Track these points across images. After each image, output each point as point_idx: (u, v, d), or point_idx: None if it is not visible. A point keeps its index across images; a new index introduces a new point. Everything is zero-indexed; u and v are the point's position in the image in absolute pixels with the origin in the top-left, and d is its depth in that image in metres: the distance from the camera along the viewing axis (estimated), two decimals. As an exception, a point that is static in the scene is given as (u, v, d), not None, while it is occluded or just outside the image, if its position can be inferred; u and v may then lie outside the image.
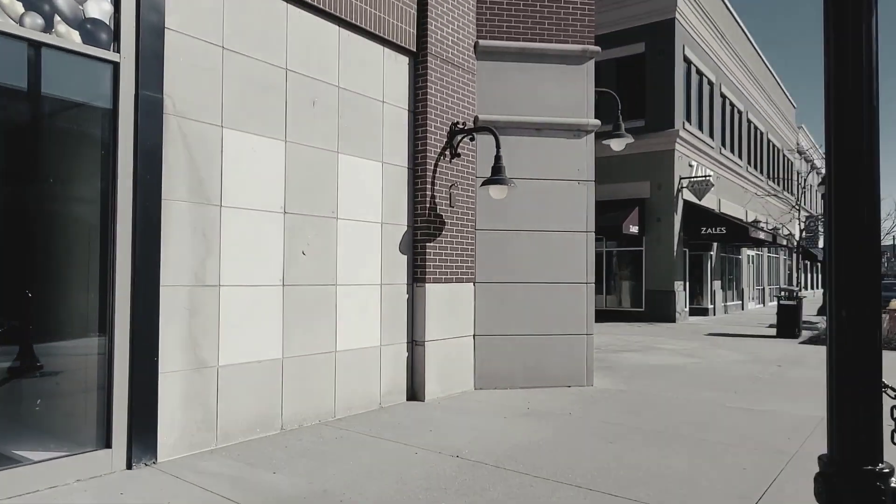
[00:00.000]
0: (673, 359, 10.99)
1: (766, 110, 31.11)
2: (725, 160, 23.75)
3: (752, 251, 28.73)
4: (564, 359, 8.06)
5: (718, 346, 13.07)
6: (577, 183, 8.11)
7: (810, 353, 12.17)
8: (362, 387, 6.65)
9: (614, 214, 19.10)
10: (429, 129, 7.25)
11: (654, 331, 16.16)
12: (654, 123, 19.55)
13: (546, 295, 8.00)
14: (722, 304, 23.52)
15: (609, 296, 20.72)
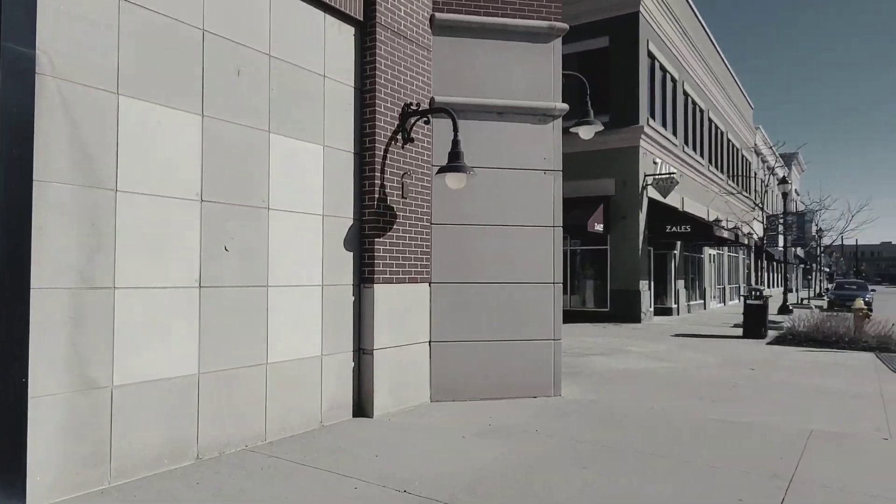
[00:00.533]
0: (643, 363, 10.39)
1: (725, 110, 31.19)
2: (688, 158, 23.54)
3: (714, 250, 28.69)
4: (530, 366, 7.32)
5: (687, 347, 12.57)
6: (543, 173, 7.38)
7: (780, 354, 11.76)
8: (300, 403, 5.77)
9: (579, 212, 18.56)
10: (378, 109, 6.41)
11: (621, 332, 15.64)
12: (619, 119, 19.09)
13: (509, 296, 7.25)
14: (685, 303, 23.28)
15: (574, 296, 20.19)
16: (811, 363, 10.57)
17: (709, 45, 26.97)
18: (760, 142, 40.03)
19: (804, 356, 11.49)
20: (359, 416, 6.38)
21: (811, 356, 11.53)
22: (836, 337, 13.32)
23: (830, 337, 13.41)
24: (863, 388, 8.26)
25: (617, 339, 14.04)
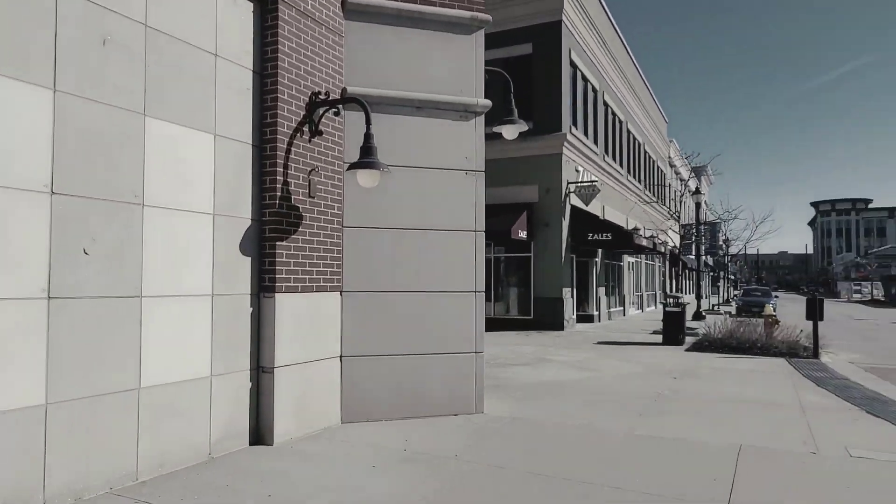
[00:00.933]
0: (567, 373, 10.09)
1: (643, 122, 32.17)
2: (608, 167, 23.93)
3: (633, 258, 29.38)
4: (451, 382, 6.77)
5: (610, 356, 12.44)
6: (465, 173, 6.88)
7: (699, 361, 11.82)
8: (182, 434, 4.95)
9: (503, 218, 18.32)
10: (281, 97, 5.70)
11: (544, 340, 15.44)
12: (542, 126, 19.05)
13: (428, 306, 6.68)
14: (606, 310, 23.58)
15: (497, 303, 19.93)
16: (729, 370, 10.62)
17: (626, 57, 27.67)
18: (674, 154, 41.71)
19: (721, 363, 11.58)
20: (257, 443, 5.61)
21: (728, 363, 11.64)
22: (749, 343, 13.62)
23: (744, 343, 13.69)
24: (781, 396, 8.24)
25: (541, 347, 13.79)
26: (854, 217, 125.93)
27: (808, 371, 10.57)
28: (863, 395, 8.41)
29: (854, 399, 8.02)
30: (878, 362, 13.09)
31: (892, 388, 9.25)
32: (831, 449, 5.57)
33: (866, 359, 13.69)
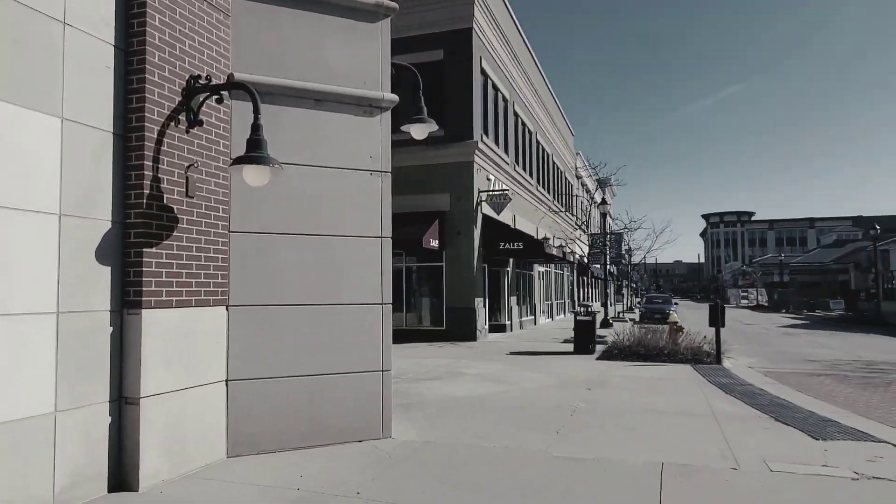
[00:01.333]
0: (481, 387, 9.65)
1: (551, 133, 32.82)
2: (519, 177, 24.05)
3: (543, 267, 29.74)
4: (355, 404, 6.09)
5: (524, 367, 12.15)
6: (370, 174, 6.27)
7: (610, 370, 11.75)
8: (15, 483, 3.99)
9: (414, 228, 17.80)
10: (150, 78, 4.86)
11: (457, 352, 15.00)
12: (454, 133, 18.76)
13: (330, 321, 5.99)
14: (518, 319, 23.58)
15: (409, 314, 19.35)
16: (640, 379, 10.58)
17: (535, 69, 28.10)
18: (581, 166, 42.98)
19: (632, 371, 11.57)
20: (118, 489, 4.70)
21: (638, 371, 11.65)
22: (657, 350, 13.80)
23: (652, 351, 13.86)
24: (693, 404, 8.18)
25: (454, 359, 13.32)
26: (739, 228, 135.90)
27: (714, 377, 10.71)
28: (769, 401, 8.50)
29: (761, 406, 8.07)
30: (774, 366, 13.63)
31: (793, 392, 9.48)
32: (751, 462, 5.39)
33: (763, 363, 14.25)
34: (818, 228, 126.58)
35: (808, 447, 5.95)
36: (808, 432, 6.55)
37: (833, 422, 7.11)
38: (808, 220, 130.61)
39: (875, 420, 7.52)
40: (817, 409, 7.96)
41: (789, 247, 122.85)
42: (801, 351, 17.50)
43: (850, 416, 7.59)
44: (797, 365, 13.97)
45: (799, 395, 9.23)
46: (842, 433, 6.55)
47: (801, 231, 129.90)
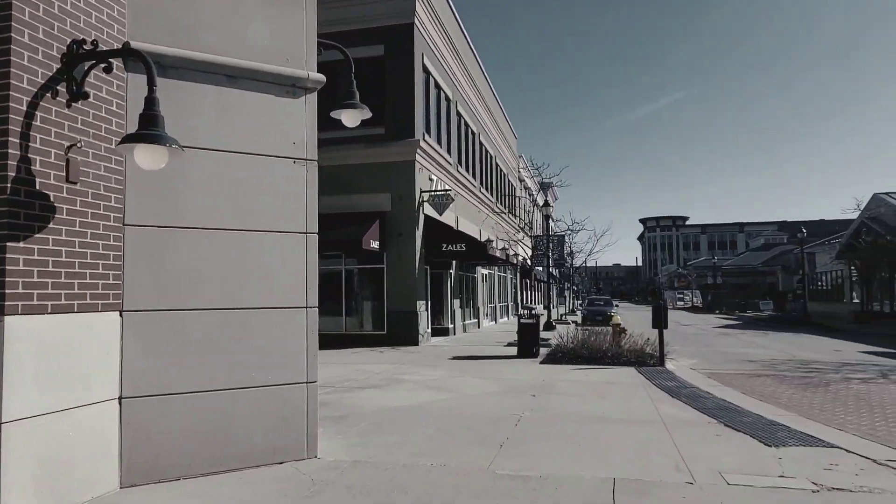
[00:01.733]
0: (420, 395, 9.06)
1: (494, 135, 32.64)
2: (462, 178, 23.64)
3: (486, 270, 29.45)
4: (274, 421, 5.39)
5: (466, 372, 11.64)
6: (293, 162, 5.59)
7: (555, 374, 11.39)
8: None
9: (354, 228, 17.07)
10: (17, 38, 4.05)
11: (398, 357, 14.36)
12: (395, 132, 18.15)
13: (245, 327, 5.28)
14: (461, 323, 23.14)
15: (350, 318, 18.56)
16: (585, 383, 10.24)
17: (478, 70, 27.82)
18: (524, 169, 43.09)
19: (577, 375, 11.24)
20: (-26, 535, 3.86)
21: (583, 374, 11.33)
22: (600, 353, 13.58)
23: (595, 353, 13.63)
24: (641, 410, 7.84)
25: (394, 365, 12.67)
26: (675, 232, 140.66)
27: (659, 380, 10.49)
28: (716, 404, 8.27)
29: (709, 410, 7.82)
30: (715, 367, 13.62)
31: (738, 395, 9.32)
32: (706, 475, 5.01)
33: (704, 364, 14.25)
34: (747, 232, 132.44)
35: (761, 456, 5.65)
36: (760, 438, 6.27)
37: (782, 426, 6.89)
38: (738, 225, 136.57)
39: (821, 423, 7.36)
40: (764, 412, 7.76)
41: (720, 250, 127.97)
42: (738, 351, 17.73)
43: (797, 419, 7.42)
44: (737, 365, 14.02)
45: (744, 397, 9.07)
46: (793, 438, 6.31)
47: (732, 235, 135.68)
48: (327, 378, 10.72)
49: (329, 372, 11.61)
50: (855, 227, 34.21)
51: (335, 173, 18.45)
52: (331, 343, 18.21)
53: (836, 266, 38.19)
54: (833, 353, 16.81)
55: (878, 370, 12.92)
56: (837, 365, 14.04)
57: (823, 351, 17.64)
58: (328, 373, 11.41)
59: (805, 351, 17.67)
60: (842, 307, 39.43)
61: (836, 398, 9.43)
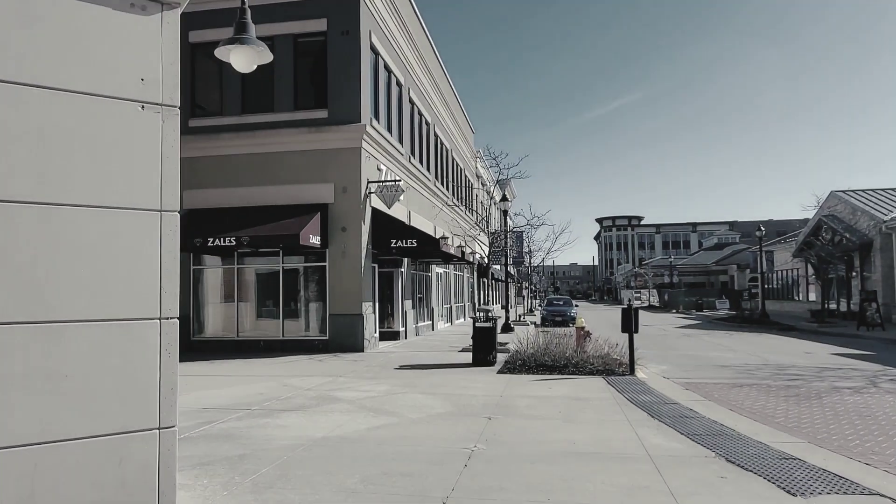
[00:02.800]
0: (353, 421, 7.41)
1: (450, 128, 31.10)
2: (415, 170, 22.00)
3: (441, 268, 27.90)
4: (104, 490, 3.67)
5: (413, 386, 10.04)
6: (140, 107, 3.87)
7: (514, 388, 9.90)
8: None
9: (291, 221, 15.26)
10: None
11: (338, 367, 12.65)
12: (339, 115, 16.39)
13: (61, 350, 3.54)
14: (413, 325, 21.51)
15: (288, 321, 16.70)
16: (551, 400, 8.77)
17: (433, 57, 26.23)
18: (481, 166, 41.72)
19: (539, 389, 9.77)
20: None
21: (546, 388, 9.88)
22: (564, 360, 12.19)
23: (559, 361, 12.23)
24: (621, 440, 6.39)
25: (330, 378, 10.97)
26: (630, 232, 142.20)
27: (632, 394, 9.12)
28: (706, 428, 6.89)
29: (701, 437, 6.42)
30: (689, 375, 12.40)
31: (726, 412, 8.00)
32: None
33: (676, 371, 13.02)
34: (699, 232, 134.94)
35: (790, 512, 4.23)
36: (777, 482, 4.87)
37: (796, 460, 5.53)
38: (691, 225, 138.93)
39: (839, 453, 6.05)
40: (766, 438, 6.41)
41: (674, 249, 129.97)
42: (707, 355, 16.65)
43: (809, 448, 6.08)
44: (712, 373, 12.84)
45: (735, 416, 7.74)
46: (817, 480, 4.93)
47: (685, 235, 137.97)
48: (244, 398, 8.95)
49: (251, 389, 9.83)
50: (813, 224, 34.03)
51: (270, 161, 16.60)
52: (269, 350, 16.37)
53: (795, 264, 38.11)
54: (805, 356, 15.88)
55: (863, 376, 11.90)
56: (816, 370, 13.00)
57: (794, 353, 16.72)
58: (248, 391, 9.63)
59: (775, 353, 16.72)
60: (796, 305, 39.44)
61: (837, 415, 8.20)
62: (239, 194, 16.63)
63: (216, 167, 16.84)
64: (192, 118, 17.05)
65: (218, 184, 16.78)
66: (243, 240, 14.60)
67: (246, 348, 16.48)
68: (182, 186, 17.74)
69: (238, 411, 7.97)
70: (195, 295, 16.98)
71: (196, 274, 17.05)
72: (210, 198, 16.79)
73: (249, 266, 17.05)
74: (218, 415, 7.76)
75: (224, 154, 16.81)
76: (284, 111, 16.66)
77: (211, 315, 17.12)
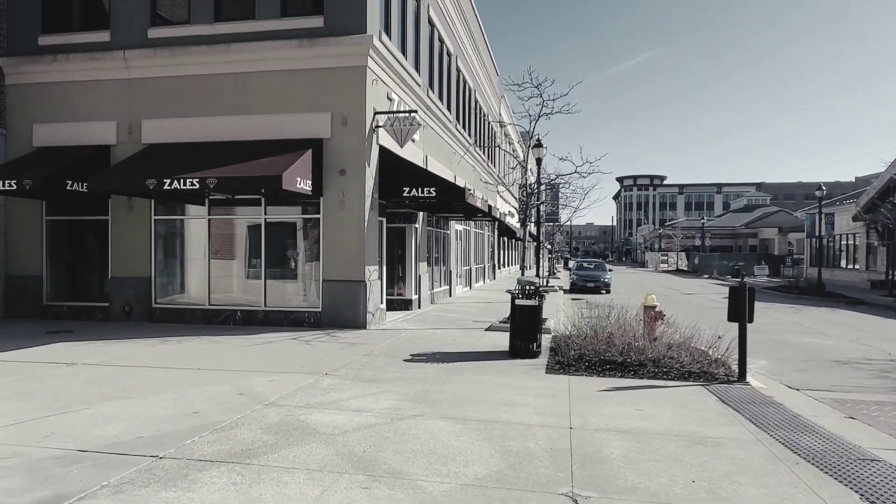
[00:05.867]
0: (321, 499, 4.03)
1: (474, 64, 27.03)
2: (434, 106, 18.20)
3: (461, 225, 24.34)
4: None
5: (431, 401, 6.64)
6: None
7: (584, 408, 6.48)
8: None
9: (273, 161, 11.72)
10: None
11: (328, 354, 9.31)
12: (338, 24, 12.63)
13: None
14: (429, 291, 18.12)
15: (273, 289, 13.31)
16: (655, 441, 5.35)
17: (459, -26, 22.04)
18: (505, 114, 37.59)
19: (625, 412, 6.35)
20: None
21: (634, 409, 6.45)
22: (637, 354, 8.80)
23: (629, 354, 8.84)
24: None
25: (312, 377, 7.61)
26: (652, 192, 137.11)
27: (782, 431, 5.69)
28: None
29: None
30: (812, 380, 8.92)
31: None
32: None
33: (785, 370, 9.57)
34: (725, 193, 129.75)
35: None
36: None
37: None
38: (716, 186, 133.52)
39: None
40: None
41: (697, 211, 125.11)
42: (800, 341, 13.13)
43: None
44: (836, 375, 9.36)
45: None
46: None
47: (710, 196, 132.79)
48: (163, 425, 5.56)
49: (185, 401, 6.45)
50: (882, 185, 29.85)
51: (251, 83, 12.96)
52: (247, 323, 13.08)
53: (852, 228, 34.09)
54: (932, 347, 12.32)
55: None
56: (981, 375, 9.47)
57: (911, 342, 13.16)
58: (179, 405, 6.22)
59: (881, 339, 13.17)
60: (849, 274, 35.60)
61: None
62: (211, 126, 13.08)
63: (182, 91, 13.24)
64: (150, 27, 13.37)
65: (185, 112, 13.21)
66: (209, 181, 11.09)
67: (218, 320, 13.19)
68: (138, 115, 14.25)
69: (125, 468, 4.60)
70: (156, 252, 13.62)
71: (157, 226, 13.65)
72: (174, 130, 13.26)
73: (224, 217, 13.61)
74: (77, 479, 4.41)
75: (192, 74, 13.19)
76: (269, 18, 12.91)
77: (177, 277, 13.81)
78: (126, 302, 13.50)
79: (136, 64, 13.38)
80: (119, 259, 13.63)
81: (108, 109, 13.61)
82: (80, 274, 14.31)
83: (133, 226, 13.56)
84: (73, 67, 13.71)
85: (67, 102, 13.80)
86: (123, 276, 13.56)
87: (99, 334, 11.50)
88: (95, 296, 13.98)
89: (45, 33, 13.98)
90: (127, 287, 13.52)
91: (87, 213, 14.04)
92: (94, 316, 13.78)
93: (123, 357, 9.08)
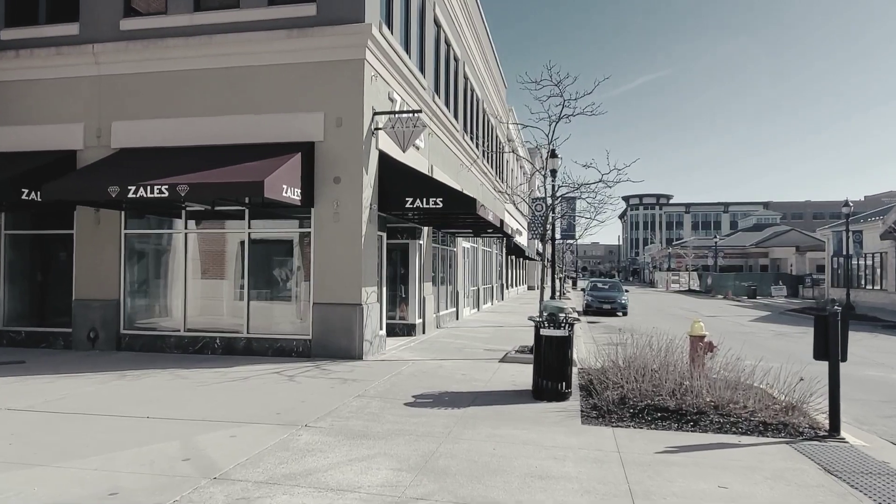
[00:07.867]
0: None
1: (482, 72, 25.61)
2: (440, 112, 16.66)
3: (468, 242, 22.71)
4: None
5: (432, 471, 4.91)
6: None
7: (646, 487, 4.76)
8: None
9: (255, 165, 10.13)
10: None
11: (311, 397, 7.61)
12: (332, 11, 11.12)
13: None
14: (433, 315, 16.42)
15: (258, 313, 11.63)
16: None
17: (467, -25, 20.68)
18: (512, 128, 36.13)
19: (691, 491, 4.63)
20: None
21: (710, 489, 4.74)
22: (695, 399, 7.10)
23: (684, 399, 7.14)
24: None
25: (285, 433, 5.90)
26: (658, 211, 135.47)
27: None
28: None
29: None
30: (917, 433, 7.16)
31: None
32: None
33: (876, 420, 7.82)
34: (731, 212, 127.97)
35: None
36: None
37: None
38: (723, 205, 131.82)
39: None
40: None
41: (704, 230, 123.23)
42: (865, 375, 11.38)
43: None
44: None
45: None
46: None
47: (716, 215, 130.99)
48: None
49: (109, 475, 4.68)
50: (915, 200, 28.09)
51: (234, 79, 11.42)
52: (227, 351, 11.34)
53: (879, 247, 32.31)
54: None
55: None
56: None
57: None
58: (99, 484, 4.45)
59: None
60: (874, 295, 33.72)
61: None
62: (189, 128, 11.53)
63: (157, 89, 11.72)
64: (123, 18, 11.90)
65: (160, 112, 11.68)
66: (179, 189, 9.49)
67: (195, 348, 11.50)
68: (109, 116, 11.65)
69: None
70: (125, 271, 11.99)
71: (128, 241, 12.04)
72: (148, 133, 11.72)
73: (203, 232, 12.01)
74: None
75: (169, 70, 11.68)
76: (255, 7, 11.43)
77: (150, 299, 12.16)
78: (91, 328, 11.84)
79: (106, 59, 11.88)
80: (84, 279, 11.99)
81: (75, 110, 12.09)
82: (43, 295, 12.69)
83: (100, 241, 11.95)
84: (38, 64, 12.22)
85: (30, 103, 12.29)
86: (88, 299, 11.91)
87: (53, 367, 9.85)
88: (59, 320, 12.34)
89: (8, 26, 12.53)
90: (92, 311, 11.87)
91: (51, 226, 12.47)
92: (55, 343, 12.12)
93: (62, 399, 7.41)
